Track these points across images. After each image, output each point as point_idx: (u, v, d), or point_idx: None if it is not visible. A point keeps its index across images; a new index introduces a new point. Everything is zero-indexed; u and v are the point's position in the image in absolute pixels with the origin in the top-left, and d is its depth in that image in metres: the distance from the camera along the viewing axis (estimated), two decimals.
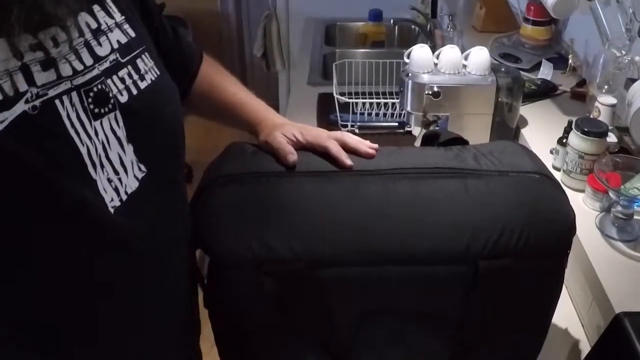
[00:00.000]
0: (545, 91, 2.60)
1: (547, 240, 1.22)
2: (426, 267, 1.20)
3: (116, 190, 1.04)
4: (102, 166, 1.02)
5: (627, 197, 1.63)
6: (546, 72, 2.73)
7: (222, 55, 1.66)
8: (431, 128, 2.19)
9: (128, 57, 1.13)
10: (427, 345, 1.32)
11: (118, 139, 1.05)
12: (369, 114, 2.65)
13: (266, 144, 1.37)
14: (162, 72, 1.22)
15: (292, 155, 1.30)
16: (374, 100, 2.64)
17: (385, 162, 1.30)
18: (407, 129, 2.53)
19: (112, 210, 1.03)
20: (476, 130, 2.18)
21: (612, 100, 2.05)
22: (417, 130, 2.32)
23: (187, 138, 1.27)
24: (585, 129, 1.85)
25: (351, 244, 1.19)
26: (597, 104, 2.07)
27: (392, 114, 2.64)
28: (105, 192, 1.02)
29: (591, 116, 2.08)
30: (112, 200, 1.03)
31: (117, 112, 1.06)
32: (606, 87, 2.22)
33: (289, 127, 1.39)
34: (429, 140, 1.48)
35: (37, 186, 0.94)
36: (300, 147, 1.35)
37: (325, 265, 1.19)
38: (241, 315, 1.29)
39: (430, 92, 2.10)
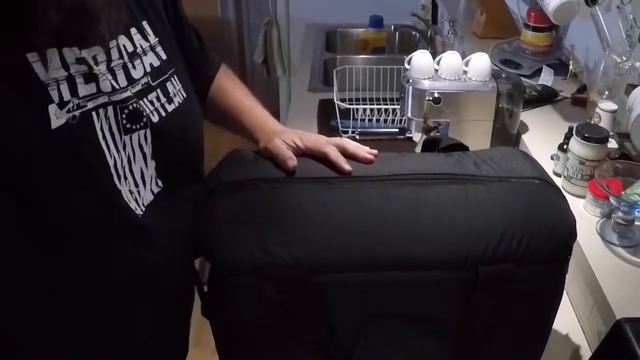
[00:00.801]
0: (546, 97, 2.59)
1: (548, 245, 1.22)
2: (426, 273, 1.20)
3: (136, 201, 1.13)
4: (125, 178, 1.11)
5: (627, 202, 1.63)
6: (547, 78, 2.73)
7: (222, 62, 1.67)
8: (432, 134, 2.18)
9: (158, 81, 1.21)
10: (428, 350, 1.32)
11: (144, 154, 1.14)
12: (370, 120, 2.65)
13: (266, 150, 1.37)
14: (189, 95, 1.29)
15: (292, 161, 1.30)
16: (375, 107, 2.64)
17: (386, 168, 1.30)
18: (407, 135, 2.52)
19: (136, 219, 1.13)
20: (477, 136, 2.18)
21: (612, 106, 2.05)
22: (417, 136, 2.32)
23: None
24: (586, 135, 1.85)
25: (351, 249, 1.19)
26: (597, 109, 2.07)
27: (393, 120, 2.64)
28: (129, 202, 1.11)
29: (592, 122, 2.07)
30: (135, 209, 1.13)
31: (148, 130, 1.14)
32: (607, 93, 2.22)
33: (288, 134, 1.40)
34: (430, 146, 1.48)
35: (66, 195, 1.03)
36: (299, 152, 1.35)
37: (325, 271, 1.19)
38: (242, 321, 1.29)
39: (430, 98, 2.10)
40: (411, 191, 1.24)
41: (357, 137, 2.54)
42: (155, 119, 1.17)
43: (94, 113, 1.06)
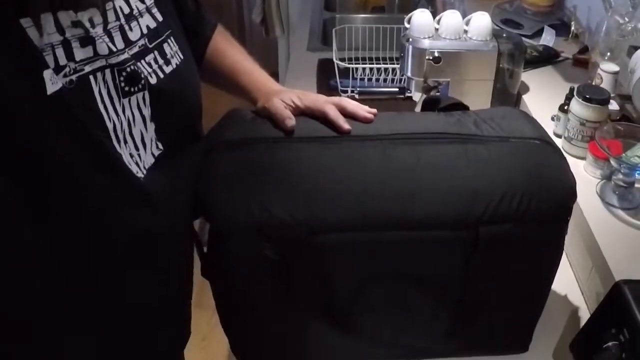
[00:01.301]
0: (547, 58, 2.58)
1: (548, 206, 1.22)
2: (426, 233, 1.20)
3: (137, 164, 1.14)
4: (125, 142, 1.11)
5: (628, 164, 1.63)
6: (548, 38, 2.71)
7: (221, 21, 1.64)
8: (432, 93, 2.18)
9: (155, 42, 1.20)
10: (428, 310, 1.32)
11: (143, 117, 1.14)
12: (369, 80, 2.64)
13: (264, 110, 1.36)
14: (186, 56, 1.28)
15: (290, 120, 1.30)
16: (374, 66, 2.62)
17: (386, 128, 1.29)
18: (407, 94, 2.52)
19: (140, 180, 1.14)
20: (477, 96, 2.17)
21: (614, 67, 2.04)
22: (417, 96, 2.31)
23: None
24: (587, 96, 1.84)
25: (351, 209, 1.18)
26: (599, 71, 2.06)
27: (393, 80, 2.63)
28: (130, 165, 1.12)
29: (593, 83, 2.07)
30: (137, 172, 1.13)
31: (146, 92, 1.14)
32: (609, 54, 2.20)
33: (287, 93, 1.39)
34: (430, 105, 1.47)
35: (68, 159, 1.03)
36: (298, 112, 1.35)
37: (325, 231, 1.19)
38: (241, 281, 1.29)
39: (430, 58, 2.09)
40: (411, 151, 1.24)
41: (357, 96, 2.53)
42: (153, 80, 1.16)
43: (91, 77, 1.05)
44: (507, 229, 1.20)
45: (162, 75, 1.18)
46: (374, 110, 1.34)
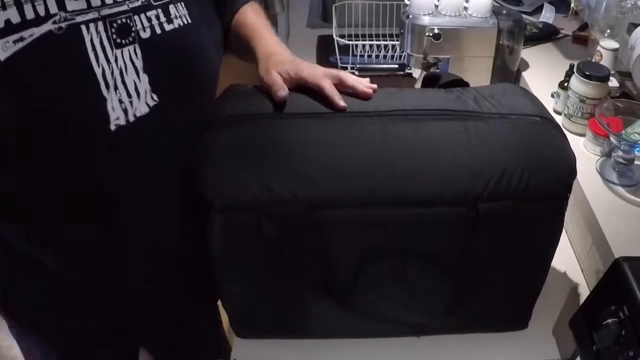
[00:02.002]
0: (547, 35, 2.58)
1: (547, 183, 1.22)
2: (426, 209, 1.20)
3: (125, 111, 1.17)
4: (115, 88, 1.15)
5: (628, 141, 1.63)
6: (548, 15, 2.71)
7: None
8: (432, 70, 2.17)
9: (161, 2, 1.23)
10: (428, 286, 1.32)
11: (135, 68, 1.17)
12: (369, 56, 2.63)
13: (262, 81, 1.37)
14: (196, 23, 1.31)
15: (283, 92, 1.30)
16: (374, 42, 2.62)
17: (386, 104, 1.29)
18: (407, 71, 2.52)
19: (113, 127, 1.17)
20: (477, 72, 2.17)
21: (614, 44, 2.04)
22: (417, 73, 2.31)
23: None
24: (587, 73, 1.84)
25: (351, 185, 1.18)
26: (599, 48, 2.06)
27: (393, 56, 2.62)
28: (113, 110, 1.16)
29: (593, 60, 2.06)
30: (117, 118, 1.17)
31: (137, 45, 1.18)
32: (608, 31, 2.20)
33: (286, 65, 1.39)
34: (430, 82, 1.47)
35: (49, 97, 1.09)
36: (294, 84, 1.34)
37: (325, 207, 1.19)
38: (240, 258, 1.29)
39: (430, 34, 2.08)
40: (411, 127, 1.23)
41: (357, 73, 2.52)
42: (145, 34, 1.20)
43: (83, 27, 1.10)
44: (506, 206, 1.19)
45: (159, 31, 1.22)
46: (374, 86, 1.35)
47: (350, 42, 2.54)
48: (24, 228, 1.29)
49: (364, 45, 2.60)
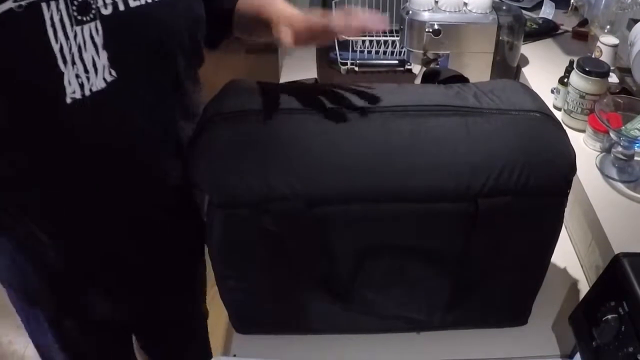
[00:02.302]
0: (547, 30, 2.58)
1: (547, 179, 1.22)
2: (426, 205, 1.20)
3: (81, 85, 1.18)
4: (73, 63, 1.16)
5: (628, 137, 1.63)
6: (548, 11, 2.71)
7: None
8: (431, 66, 2.17)
9: None
10: (427, 283, 1.33)
11: (95, 44, 1.19)
12: (369, 52, 2.63)
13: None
14: (167, 2, 1.30)
15: (285, 35, 1.31)
16: (374, 38, 2.62)
17: (386, 100, 1.28)
18: (407, 67, 2.52)
19: (69, 100, 1.18)
20: (477, 68, 2.17)
21: (614, 40, 2.04)
22: (417, 69, 2.31)
23: None
24: (587, 69, 1.84)
25: (351, 181, 1.18)
26: (599, 44, 2.06)
27: (392, 52, 2.62)
28: (70, 84, 1.17)
29: (593, 56, 2.06)
30: (74, 92, 1.18)
31: (98, 22, 1.18)
32: (608, 27, 2.20)
33: (294, 18, 1.38)
34: (430, 78, 1.47)
35: (8, 71, 1.12)
36: (302, 32, 1.34)
37: (324, 203, 1.19)
38: (240, 254, 1.29)
39: (430, 30, 2.08)
40: (411, 123, 1.23)
41: (356, 69, 2.53)
42: (107, 11, 1.20)
43: (44, 4, 1.11)
44: (506, 202, 1.20)
45: (122, 8, 1.22)
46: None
47: (350, 38, 2.55)
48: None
49: (363, 41, 2.60)
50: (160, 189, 1.41)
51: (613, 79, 1.97)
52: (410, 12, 2.12)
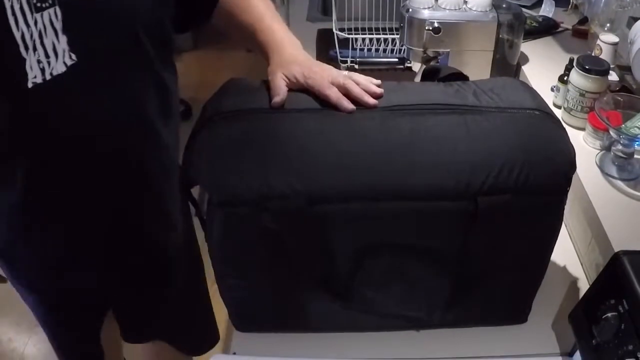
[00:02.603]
0: (547, 28, 2.58)
1: (547, 177, 1.22)
2: (425, 203, 1.20)
3: (42, 70, 1.19)
4: (34, 49, 1.17)
5: (627, 135, 1.63)
6: (548, 9, 2.71)
7: None
8: (431, 64, 2.17)
9: None
10: (427, 281, 1.33)
11: (54, 29, 1.19)
12: (369, 50, 2.63)
13: (268, 81, 1.37)
14: None
15: (278, 98, 1.30)
16: (374, 36, 2.62)
17: (385, 99, 1.29)
18: (407, 64, 2.51)
19: (30, 84, 1.18)
20: (477, 66, 2.17)
21: (614, 38, 2.04)
22: (417, 66, 2.31)
23: (184, 75, 1.30)
24: (587, 67, 1.84)
25: (351, 180, 1.18)
26: (598, 42, 2.06)
27: (392, 50, 2.62)
28: (31, 69, 1.18)
29: (593, 54, 2.06)
30: (35, 77, 1.19)
31: (57, 7, 1.18)
32: (608, 25, 2.20)
33: (295, 67, 1.38)
34: (429, 75, 1.47)
35: None
36: (299, 89, 1.34)
37: (324, 201, 1.19)
38: (240, 252, 1.29)
39: (430, 28, 2.08)
40: (411, 121, 1.23)
41: (356, 67, 2.52)
42: None
43: None
44: (506, 200, 1.20)
45: None
46: (380, 91, 1.33)
47: (350, 36, 2.55)
48: None
49: (363, 39, 2.60)
50: (138, 174, 1.42)
51: (613, 77, 1.97)
52: (410, 10, 2.12)
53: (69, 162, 1.32)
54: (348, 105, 1.28)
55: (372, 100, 1.30)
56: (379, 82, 1.35)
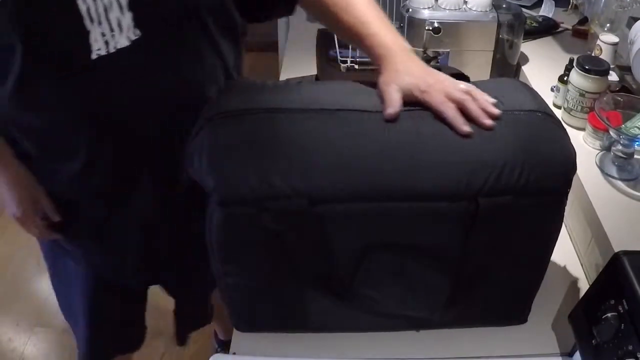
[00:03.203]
0: (547, 29, 2.58)
1: (548, 178, 1.22)
2: (427, 204, 1.20)
3: (106, 43, 1.27)
4: (99, 22, 1.25)
5: (627, 135, 1.63)
6: (548, 9, 2.71)
7: None
8: (431, 64, 2.17)
9: None
10: (428, 281, 1.33)
11: (120, 5, 1.26)
12: None
13: (380, 91, 1.32)
14: None
15: (392, 110, 1.25)
16: None
17: None
18: None
19: (94, 56, 1.27)
20: (477, 66, 2.17)
21: (614, 38, 2.04)
22: None
23: None
24: (587, 67, 1.84)
25: (352, 180, 1.18)
26: (598, 42, 2.06)
27: None
28: (96, 41, 1.26)
29: (593, 54, 2.06)
30: (99, 49, 1.27)
31: None
32: (608, 25, 2.20)
33: (408, 79, 1.32)
34: None
35: (42, 29, 1.23)
36: (414, 103, 1.29)
37: (325, 202, 1.19)
38: (240, 252, 1.29)
39: (430, 28, 2.08)
40: (412, 122, 1.24)
41: (356, 66, 2.52)
42: None
43: None
44: (506, 201, 1.20)
45: None
46: (498, 112, 1.27)
47: None
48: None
49: None
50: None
51: (613, 77, 1.97)
52: (410, 10, 2.12)
53: (127, 132, 1.39)
54: (465, 127, 1.23)
55: (489, 122, 1.25)
56: (494, 100, 1.29)
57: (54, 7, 1.22)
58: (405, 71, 1.34)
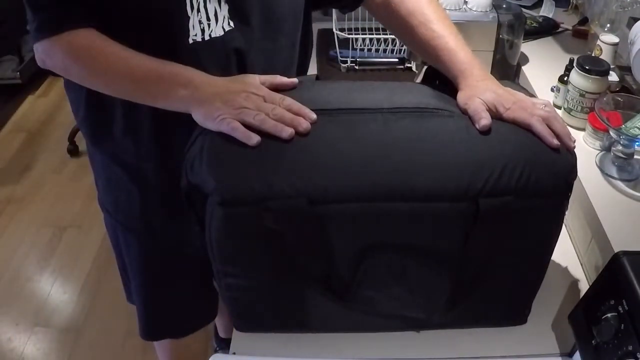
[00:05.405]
0: (547, 29, 2.58)
1: (548, 180, 1.22)
2: (427, 204, 1.20)
3: (202, 30, 1.41)
4: (198, 10, 1.39)
5: (627, 136, 1.63)
6: (548, 9, 2.71)
7: None
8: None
9: None
10: (428, 282, 1.32)
11: None
12: (369, 50, 2.63)
13: (464, 106, 1.31)
14: None
15: (485, 120, 1.25)
16: (374, 36, 2.61)
17: (387, 102, 1.29)
18: (407, 65, 2.52)
19: (190, 41, 1.41)
20: None
21: (614, 39, 2.04)
22: (417, 67, 2.30)
23: None
24: (587, 67, 1.84)
25: (351, 180, 1.18)
26: (599, 42, 2.06)
27: (392, 50, 2.62)
28: (193, 27, 1.40)
29: (593, 54, 2.06)
30: (195, 35, 1.41)
31: None
32: (608, 25, 2.20)
33: (490, 96, 1.31)
34: (431, 76, 1.47)
35: (146, 9, 1.38)
36: (497, 117, 1.29)
37: (325, 202, 1.19)
38: (240, 252, 1.29)
39: None
40: (412, 123, 1.24)
41: (357, 67, 2.53)
42: None
43: None
44: (507, 202, 1.20)
45: None
46: (572, 144, 1.29)
47: (350, 36, 2.55)
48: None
49: (363, 39, 2.60)
50: None
51: (613, 77, 1.97)
52: None
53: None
54: (555, 141, 1.24)
55: (571, 145, 1.28)
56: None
57: None
58: (485, 87, 1.35)
